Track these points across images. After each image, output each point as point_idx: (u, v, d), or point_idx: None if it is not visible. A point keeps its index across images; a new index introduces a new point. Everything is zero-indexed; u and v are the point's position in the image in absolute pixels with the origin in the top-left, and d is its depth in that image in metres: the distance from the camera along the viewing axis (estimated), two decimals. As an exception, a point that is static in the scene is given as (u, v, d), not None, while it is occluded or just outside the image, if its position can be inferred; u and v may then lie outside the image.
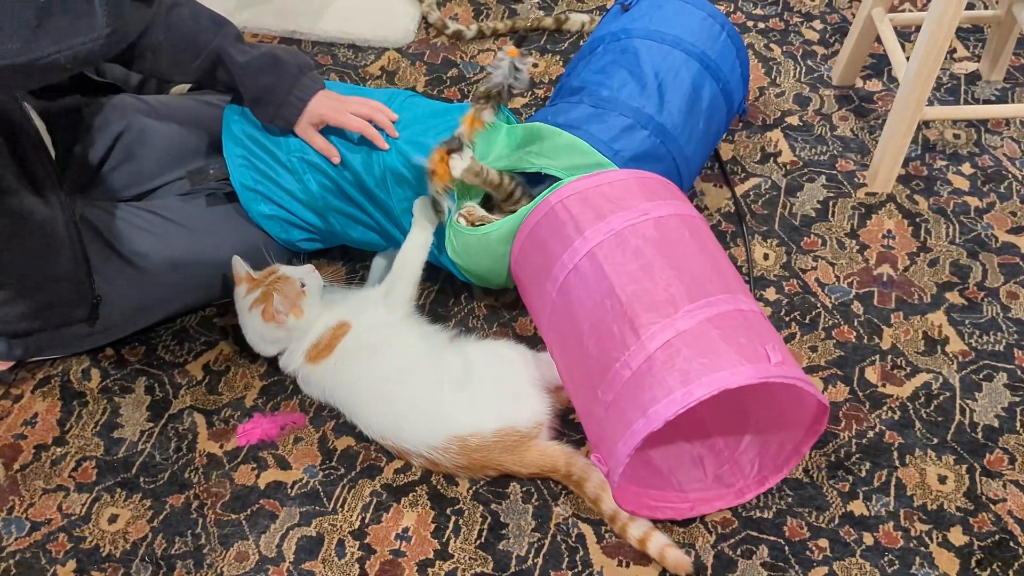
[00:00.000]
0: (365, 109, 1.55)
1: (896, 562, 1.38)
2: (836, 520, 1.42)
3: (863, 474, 1.47)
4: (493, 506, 1.45)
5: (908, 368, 1.60)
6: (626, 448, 1.24)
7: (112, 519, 1.46)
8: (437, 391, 1.45)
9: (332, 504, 1.46)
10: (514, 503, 1.45)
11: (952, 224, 1.81)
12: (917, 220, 1.82)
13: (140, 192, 1.67)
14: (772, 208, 1.84)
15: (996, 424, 1.52)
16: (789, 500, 1.44)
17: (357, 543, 1.41)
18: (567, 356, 1.42)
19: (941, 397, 1.56)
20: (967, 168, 1.91)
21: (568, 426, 1.51)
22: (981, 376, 1.59)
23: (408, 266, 1.55)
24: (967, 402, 1.55)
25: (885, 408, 1.55)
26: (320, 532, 1.43)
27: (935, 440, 1.51)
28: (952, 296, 1.70)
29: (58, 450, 1.54)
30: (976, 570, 1.37)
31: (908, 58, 1.76)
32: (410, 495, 1.46)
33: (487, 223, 1.52)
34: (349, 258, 1.78)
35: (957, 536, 1.40)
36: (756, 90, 2.06)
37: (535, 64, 2.13)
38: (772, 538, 1.41)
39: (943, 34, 1.65)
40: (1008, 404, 1.55)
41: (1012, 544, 1.39)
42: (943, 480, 1.47)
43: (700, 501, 1.42)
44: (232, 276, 1.56)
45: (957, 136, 1.97)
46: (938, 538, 1.40)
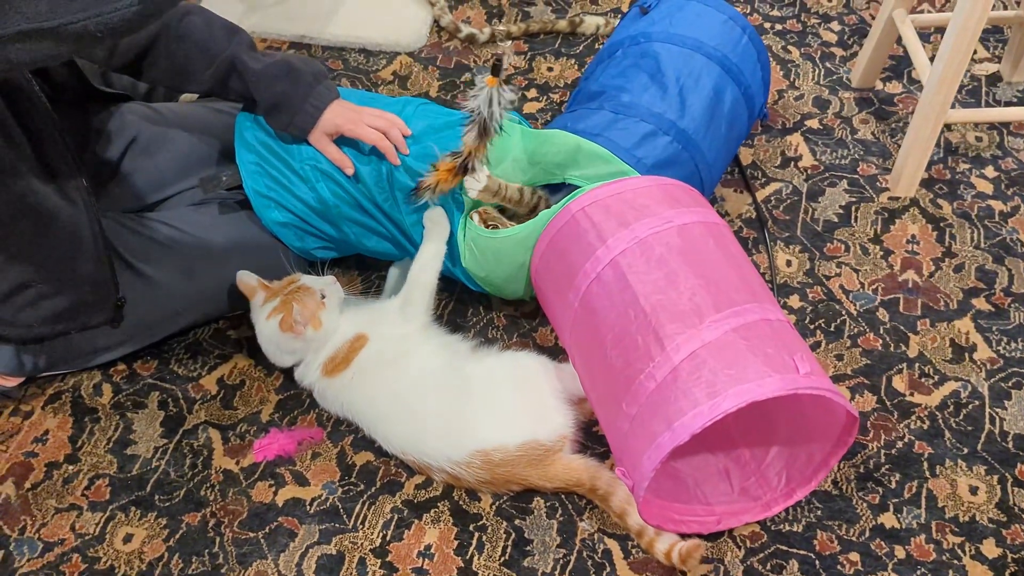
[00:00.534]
0: (381, 122, 1.52)
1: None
2: (867, 533, 1.39)
3: (893, 486, 1.44)
4: (517, 522, 1.42)
5: (936, 376, 1.57)
6: (651, 462, 1.22)
7: (127, 539, 1.43)
8: (459, 404, 1.43)
9: (352, 521, 1.43)
10: (538, 518, 1.42)
11: (977, 228, 1.78)
12: (941, 225, 1.79)
13: (152, 201, 1.64)
14: (794, 213, 1.81)
15: (1028, 433, 1.50)
16: (818, 513, 1.42)
17: (379, 561, 1.38)
18: (590, 368, 1.39)
19: (970, 406, 1.53)
20: (990, 171, 1.88)
21: (592, 438, 1.48)
22: (1010, 384, 1.56)
23: (422, 278, 1.52)
24: (996, 411, 1.53)
25: (914, 417, 1.52)
26: (340, 550, 1.40)
27: (965, 450, 1.48)
28: (978, 302, 1.67)
29: (70, 468, 1.51)
30: (1011, 584, 1.34)
31: (931, 60, 1.73)
32: (432, 511, 1.43)
33: (501, 225, 1.49)
34: (365, 267, 1.75)
35: (990, 548, 1.38)
36: (775, 93, 2.03)
37: (549, 68, 2.10)
38: (802, 552, 1.38)
39: (969, 36, 1.62)
40: (1039, 413, 1.52)
41: (1048, 557, 1.37)
42: (974, 491, 1.44)
43: (727, 515, 1.40)
44: (241, 291, 1.53)
45: (980, 139, 1.94)
46: (971, 551, 1.38)
